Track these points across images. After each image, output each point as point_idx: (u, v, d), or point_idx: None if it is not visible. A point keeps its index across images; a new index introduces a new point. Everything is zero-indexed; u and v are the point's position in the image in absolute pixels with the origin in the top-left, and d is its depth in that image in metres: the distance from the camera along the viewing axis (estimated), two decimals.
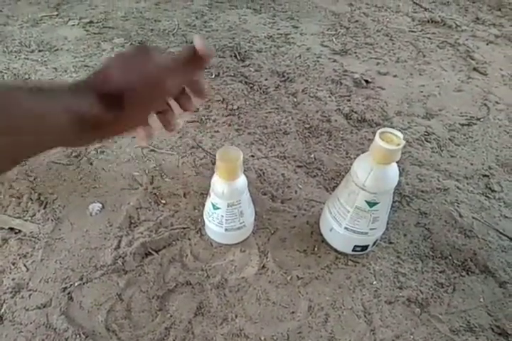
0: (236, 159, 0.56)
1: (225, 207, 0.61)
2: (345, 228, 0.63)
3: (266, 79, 1.07)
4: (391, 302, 0.62)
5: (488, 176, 0.85)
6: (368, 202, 0.59)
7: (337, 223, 0.64)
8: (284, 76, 1.09)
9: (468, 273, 0.67)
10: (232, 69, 1.10)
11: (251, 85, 1.04)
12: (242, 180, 0.60)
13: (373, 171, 0.56)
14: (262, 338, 0.56)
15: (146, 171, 0.79)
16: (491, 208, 0.78)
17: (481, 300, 0.64)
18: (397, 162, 0.56)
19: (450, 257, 0.69)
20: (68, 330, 0.55)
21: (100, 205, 0.71)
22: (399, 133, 0.54)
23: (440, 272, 0.67)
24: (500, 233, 0.74)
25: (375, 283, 0.64)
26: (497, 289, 0.65)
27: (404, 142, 0.53)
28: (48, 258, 0.64)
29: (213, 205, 0.61)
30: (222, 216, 0.62)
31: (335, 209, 0.63)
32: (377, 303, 0.62)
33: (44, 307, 0.58)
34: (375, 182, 0.57)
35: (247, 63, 1.13)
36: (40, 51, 1.13)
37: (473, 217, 0.76)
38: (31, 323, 0.56)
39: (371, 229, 0.62)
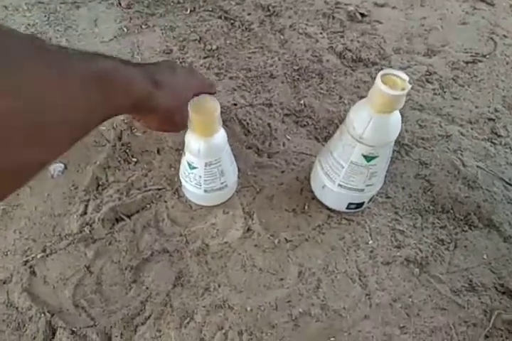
0: (213, 111, 0.48)
1: (203, 166, 0.53)
2: (339, 185, 0.56)
3: (249, 14, 0.95)
4: (388, 263, 0.57)
5: (493, 120, 0.78)
6: (366, 156, 0.52)
7: (330, 180, 0.57)
8: (269, 10, 0.96)
9: (471, 228, 0.62)
10: (210, 2, 0.96)
11: (232, 21, 0.92)
12: (220, 136, 0.52)
13: (372, 121, 0.48)
14: (248, 309, 0.52)
15: (114, 125, 0.69)
16: (497, 155, 0.72)
17: (484, 256, 0.59)
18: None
19: (452, 211, 0.64)
20: (32, 309, 0.50)
21: (62, 165, 0.63)
22: (404, 75, 0.45)
23: (441, 228, 0.62)
24: (507, 183, 0.68)
25: (370, 242, 0.59)
26: (501, 244, 0.61)
27: (410, 86, 0.45)
28: (6, 228, 0.57)
29: (189, 165, 0.54)
30: (200, 176, 0.54)
31: (327, 165, 0.56)
32: (373, 265, 0.57)
33: (4, 283, 0.52)
34: (374, 134, 0.49)
35: None
36: None
37: (478, 166, 0.70)
38: None
39: (368, 186, 0.56)
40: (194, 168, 0.53)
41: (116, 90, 0.35)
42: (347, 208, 0.60)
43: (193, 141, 0.51)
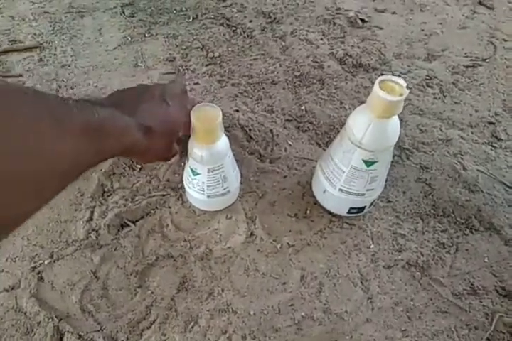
0: (215, 119, 0.49)
1: (206, 172, 0.54)
2: (340, 189, 0.57)
3: (250, 21, 0.96)
4: (389, 267, 0.58)
5: (494, 123, 0.78)
6: (365, 161, 0.52)
7: (331, 184, 0.57)
8: (270, 17, 0.97)
9: (471, 232, 0.62)
10: (212, 10, 0.98)
11: (233, 28, 0.93)
12: (223, 142, 0.53)
13: (371, 126, 0.49)
14: (251, 313, 0.52)
15: None
16: (497, 159, 0.72)
17: (486, 260, 0.60)
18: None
19: (453, 214, 0.64)
20: (40, 314, 0.51)
21: None
22: (401, 81, 0.46)
23: (442, 231, 0.62)
24: (507, 186, 0.68)
25: (372, 246, 0.60)
26: (502, 247, 0.61)
27: (407, 91, 0.45)
28: (14, 235, 0.58)
29: (192, 171, 0.55)
30: (203, 182, 0.55)
31: (328, 170, 0.57)
32: (375, 269, 0.58)
33: (12, 289, 0.53)
34: (374, 139, 0.50)
35: (229, 3, 1.00)
36: None
37: (478, 170, 0.70)
38: None
39: (368, 190, 0.56)
40: (197, 174, 0.54)
41: (109, 139, 0.36)
42: (348, 212, 0.60)
43: (196, 148, 0.52)
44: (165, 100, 0.49)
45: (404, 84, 0.46)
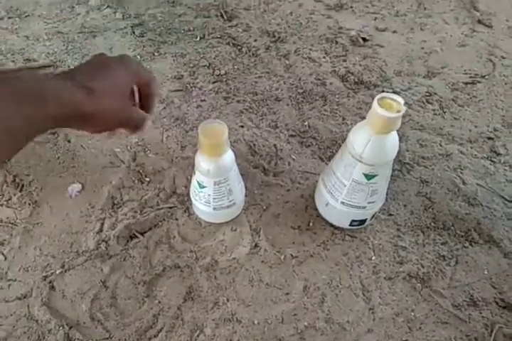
0: (221, 134, 0.51)
1: (212, 185, 0.56)
2: (342, 202, 0.59)
3: (255, 40, 0.99)
4: (391, 278, 0.59)
5: (493, 139, 0.80)
6: (366, 175, 0.54)
7: (333, 197, 0.59)
8: (274, 36, 1.01)
9: (471, 244, 0.64)
10: (218, 30, 1.01)
11: (239, 47, 0.97)
12: (228, 156, 0.55)
13: (371, 141, 0.51)
14: (256, 322, 0.54)
15: (128, 147, 0.73)
16: (496, 173, 0.74)
17: (485, 272, 0.61)
18: None
19: (453, 227, 0.66)
20: (51, 321, 0.52)
21: (80, 186, 0.67)
22: (399, 99, 0.49)
23: (442, 244, 0.64)
24: (506, 200, 0.70)
25: (373, 258, 0.61)
26: (502, 260, 0.62)
27: (405, 108, 0.48)
28: (27, 245, 0.60)
29: (199, 184, 0.57)
30: (209, 195, 0.57)
31: (330, 183, 0.59)
32: (376, 280, 0.59)
33: (24, 297, 0.55)
34: (373, 154, 0.52)
35: (235, 23, 1.04)
36: (9, 18, 1.04)
37: (477, 184, 0.72)
38: (11, 315, 0.53)
39: (369, 203, 0.58)
40: (204, 187, 0.57)
41: (46, 102, 0.36)
42: (350, 225, 0.62)
43: (203, 162, 0.54)
44: (109, 62, 0.45)
45: (402, 102, 0.49)
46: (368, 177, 0.55)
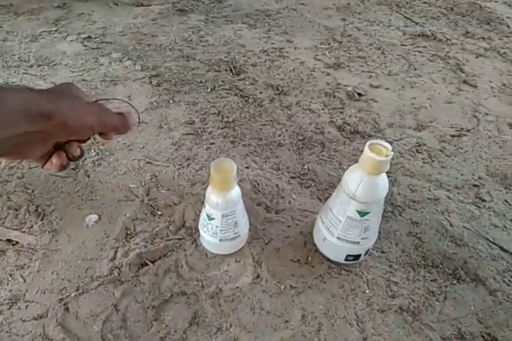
0: (230, 171, 0.58)
1: (220, 217, 0.62)
2: (338, 237, 0.64)
3: (261, 93, 1.10)
4: (383, 311, 0.63)
5: (478, 186, 0.87)
6: (359, 212, 0.60)
7: (329, 233, 0.65)
8: (278, 89, 1.11)
9: (459, 282, 0.68)
10: (228, 82, 1.12)
11: (246, 98, 1.07)
12: (236, 191, 0.61)
13: (363, 181, 0.58)
14: None
15: (143, 183, 0.80)
16: (481, 217, 0.80)
17: (472, 307, 0.65)
18: (389, 172, 0.58)
19: (441, 266, 0.70)
20: None
21: (97, 217, 0.72)
22: (387, 145, 0.56)
23: (431, 280, 0.68)
24: (490, 242, 0.75)
25: (367, 291, 0.65)
26: (487, 297, 0.66)
27: (392, 153, 0.55)
28: (45, 269, 0.65)
29: (208, 216, 0.63)
30: (217, 226, 0.63)
31: (327, 219, 0.65)
32: (370, 312, 0.63)
33: (41, 318, 0.59)
34: (366, 192, 0.58)
35: (242, 77, 1.15)
36: (38, 66, 1.15)
37: (464, 226, 0.77)
38: (28, 334, 0.57)
39: (363, 239, 0.64)
40: (212, 218, 0.62)
41: (13, 110, 0.37)
42: (346, 260, 0.67)
43: (213, 195, 0.60)
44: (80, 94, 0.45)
45: (390, 147, 0.56)
46: (361, 214, 0.60)
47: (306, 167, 0.87)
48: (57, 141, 0.44)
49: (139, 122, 0.72)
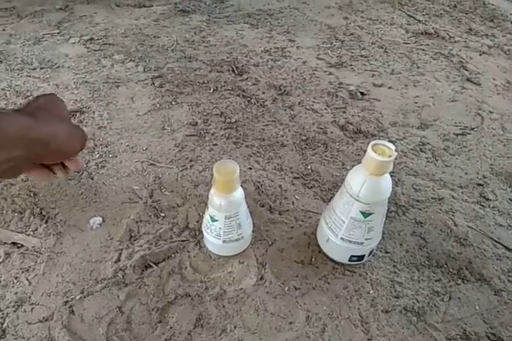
0: (233, 172, 0.58)
1: (223, 219, 0.62)
2: (342, 238, 0.64)
3: (263, 93, 1.09)
4: (388, 311, 0.63)
5: (482, 185, 0.86)
6: (363, 213, 0.60)
7: (333, 233, 0.65)
8: (280, 89, 1.11)
9: (463, 282, 0.68)
10: (230, 83, 1.12)
11: (248, 99, 1.07)
12: (239, 193, 0.61)
13: (367, 182, 0.57)
14: None
15: (146, 185, 0.80)
16: (486, 217, 0.79)
17: (477, 308, 0.64)
18: (392, 172, 0.58)
19: (446, 266, 0.70)
20: None
21: (101, 219, 0.72)
22: (391, 145, 0.56)
23: (436, 281, 0.68)
24: (495, 241, 0.75)
25: (371, 292, 0.65)
26: (492, 297, 0.66)
27: (395, 154, 0.54)
28: (50, 272, 0.65)
29: (211, 218, 0.63)
30: (220, 228, 0.63)
31: (331, 220, 0.65)
32: (374, 312, 0.63)
33: (46, 320, 0.59)
34: (369, 193, 0.58)
35: (245, 77, 1.15)
36: (41, 68, 1.16)
37: (468, 226, 0.77)
38: (33, 337, 0.57)
39: (366, 239, 0.63)
40: (215, 220, 0.62)
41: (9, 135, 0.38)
42: (349, 260, 0.67)
43: (216, 197, 0.60)
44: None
45: (393, 147, 0.55)
46: (365, 214, 0.60)
47: (309, 167, 0.87)
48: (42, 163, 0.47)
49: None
